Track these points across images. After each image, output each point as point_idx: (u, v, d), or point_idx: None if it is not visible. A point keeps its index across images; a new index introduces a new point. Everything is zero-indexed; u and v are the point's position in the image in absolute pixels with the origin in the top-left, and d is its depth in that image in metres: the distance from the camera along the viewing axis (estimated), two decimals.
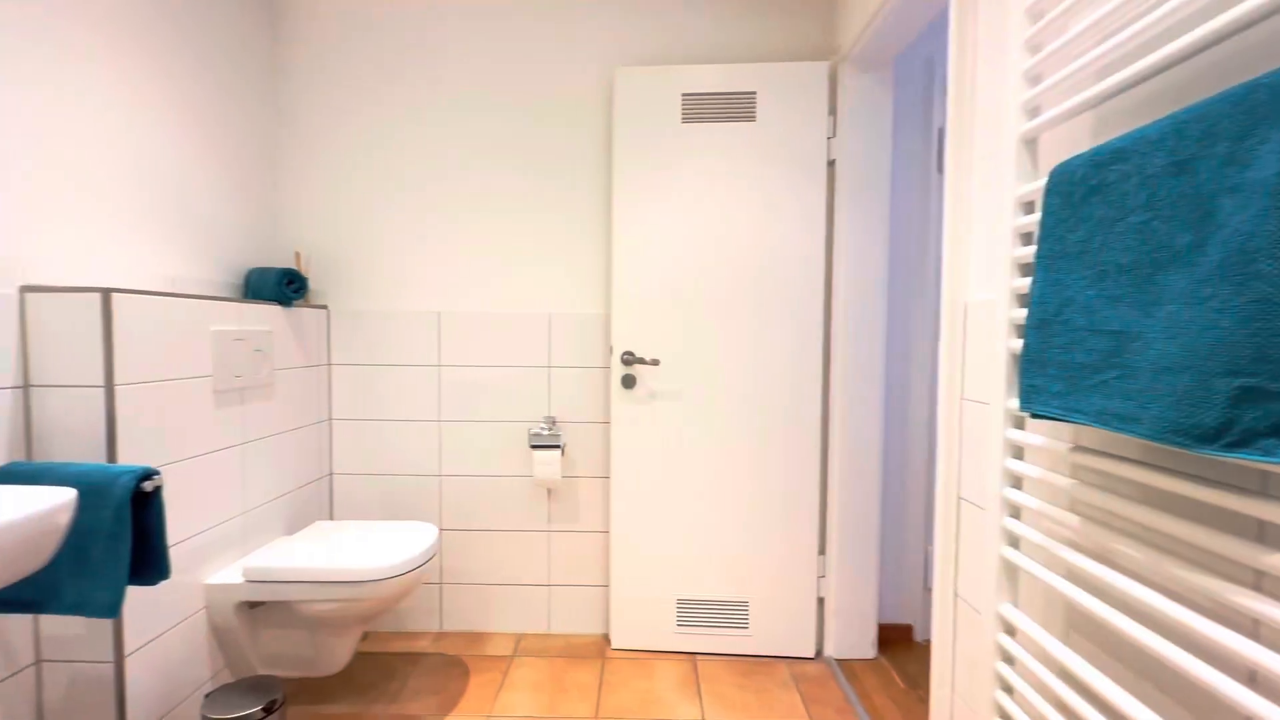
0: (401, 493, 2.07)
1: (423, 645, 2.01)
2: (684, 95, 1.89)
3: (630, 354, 1.93)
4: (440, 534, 2.06)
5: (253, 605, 1.57)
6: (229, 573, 1.54)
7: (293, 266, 2.01)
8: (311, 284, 2.03)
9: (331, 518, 2.07)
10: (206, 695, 1.36)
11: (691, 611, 1.96)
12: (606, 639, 2.05)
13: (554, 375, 2.05)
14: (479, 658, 1.94)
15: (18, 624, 1.20)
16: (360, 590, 1.50)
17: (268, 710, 1.33)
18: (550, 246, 2.04)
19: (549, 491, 2.07)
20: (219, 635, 1.54)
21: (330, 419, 2.06)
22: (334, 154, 2.02)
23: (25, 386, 1.21)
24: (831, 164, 1.90)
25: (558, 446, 1.98)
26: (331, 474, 2.07)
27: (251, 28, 1.90)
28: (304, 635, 1.62)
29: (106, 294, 1.21)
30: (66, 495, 0.88)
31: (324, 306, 2.02)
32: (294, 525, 1.87)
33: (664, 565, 1.96)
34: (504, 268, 2.04)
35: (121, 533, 1.01)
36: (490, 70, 2.00)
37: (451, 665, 1.90)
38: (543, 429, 2.02)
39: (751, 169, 1.89)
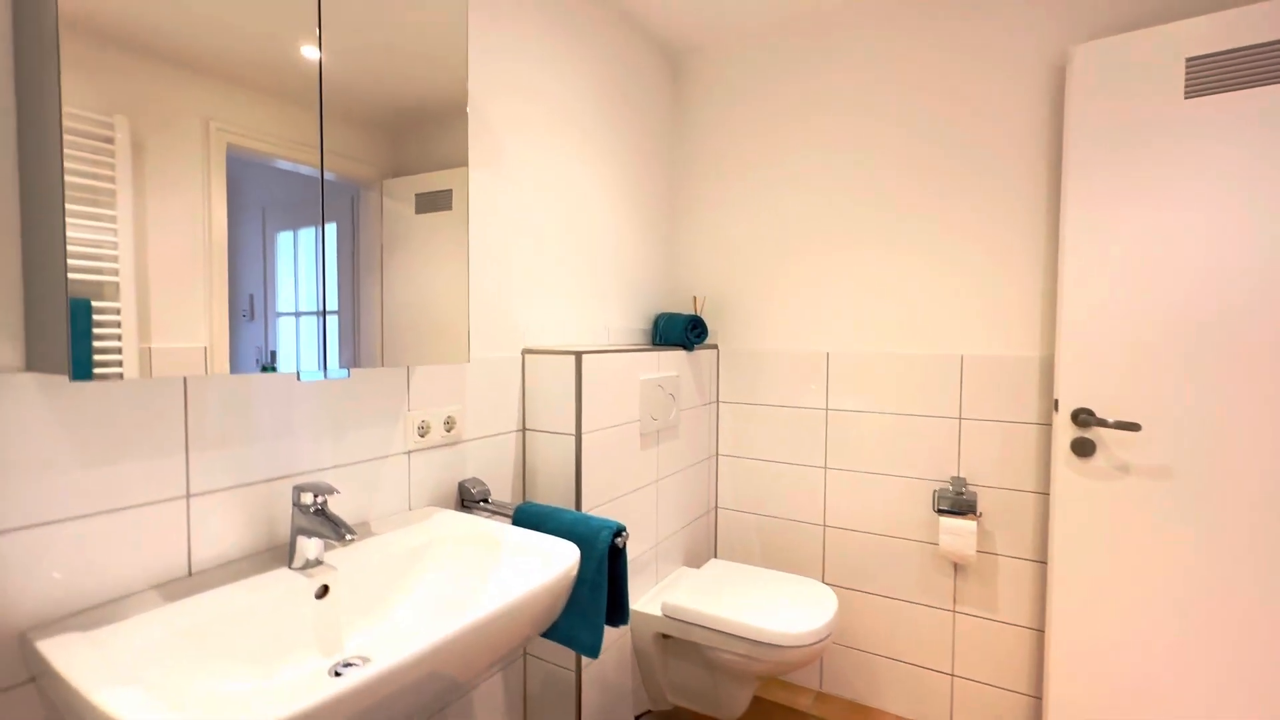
0: (782, 537, 2.01)
1: (804, 703, 1.91)
2: (1189, 60, 1.37)
3: (1087, 412, 1.48)
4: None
5: (665, 636, 1.68)
6: (647, 601, 1.67)
7: (692, 311, 2.14)
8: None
9: (716, 553, 2.14)
10: (637, 718, 1.49)
11: None
12: None
13: (966, 429, 1.72)
14: None
15: None
16: (766, 652, 1.46)
17: None
18: (963, 276, 1.72)
19: (955, 566, 1.75)
20: (639, 657, 1.68)
21: (716, 455, 2.13)
22: (724, 202, 2.08)
23: (523, 430, 1.49)
24: None
25: (972, 515, 1.65)
26: (716, 508, 2.14)
27: (660, 106, 2.08)
28: (706, 675, 1.66)
29: (578, 356, 1.40)
30: (575, 555, 0.99)
31: (714, 346, 2.10)
32: (689, 558, 1.97)
33: (1136, 696, 1.45)
34: (903, 304, 1.80)
35: (601, 582, 1.12)
36: (888, 94, 1.78)
37: None
38: (951, 491, 1.71)
39: None
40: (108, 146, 0.68)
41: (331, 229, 0.93)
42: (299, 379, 0.97)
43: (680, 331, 1.86)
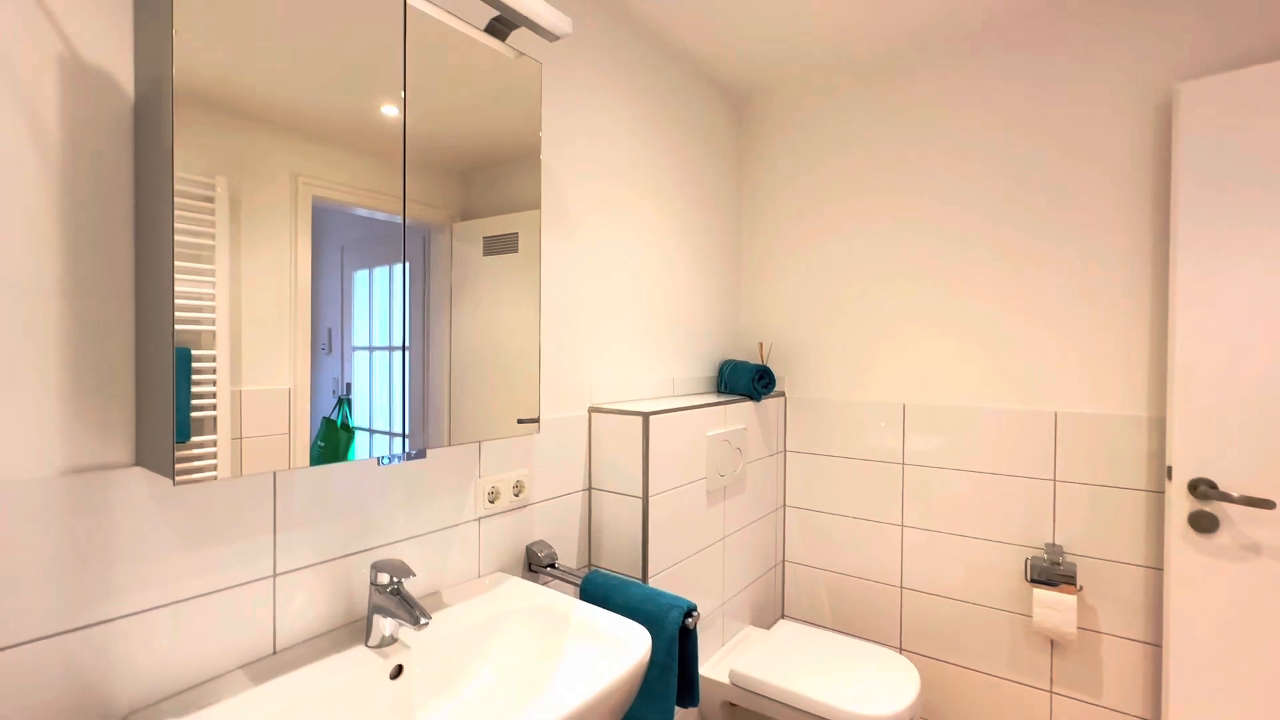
0: (855, 596, 1.91)
1: None
2: None
3: (1208, 484, 1.34)
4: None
5: (732, 704, 1.61)
6: (714, 665, 1.62)
7: (758, 358, 2.09)
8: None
9: (783, 610, 2.05)
10: None
11: None
12: None
13: (1061, 492, 1.59)
14: None
15: None
16: None
17: None
18: (1056, 327, 1.60)
19: (1052, 642, 1.61)
20: None
21: (784, 506, 2.05)
22: (790, 250, 2.03)
23: (589, 489, 1.48)
24: None
25: (1070, 587, 1.51)
26: (783, 562, 2.06)
27: (723, 148, 2.06)
28: None
29: (646, 417, 1.38)
30: (646, 642, 0.95)
31: (781, 394, 2.04)
32: (756, 615, 1.90)
33: None
34: (989, 355, 1.69)
35: (671, 664, 1.09)
36: (974, 133, 1.70)
37: None
38: (1046, 560, 1.57)
39: None
40: (208, 205, 0.72)
41: (407, 272, 0.95)
42: (379, 464, 0.99)
43: (747, 382, 1.82)
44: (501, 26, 1.05)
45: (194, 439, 0.70)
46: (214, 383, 0.72)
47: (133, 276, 0.77)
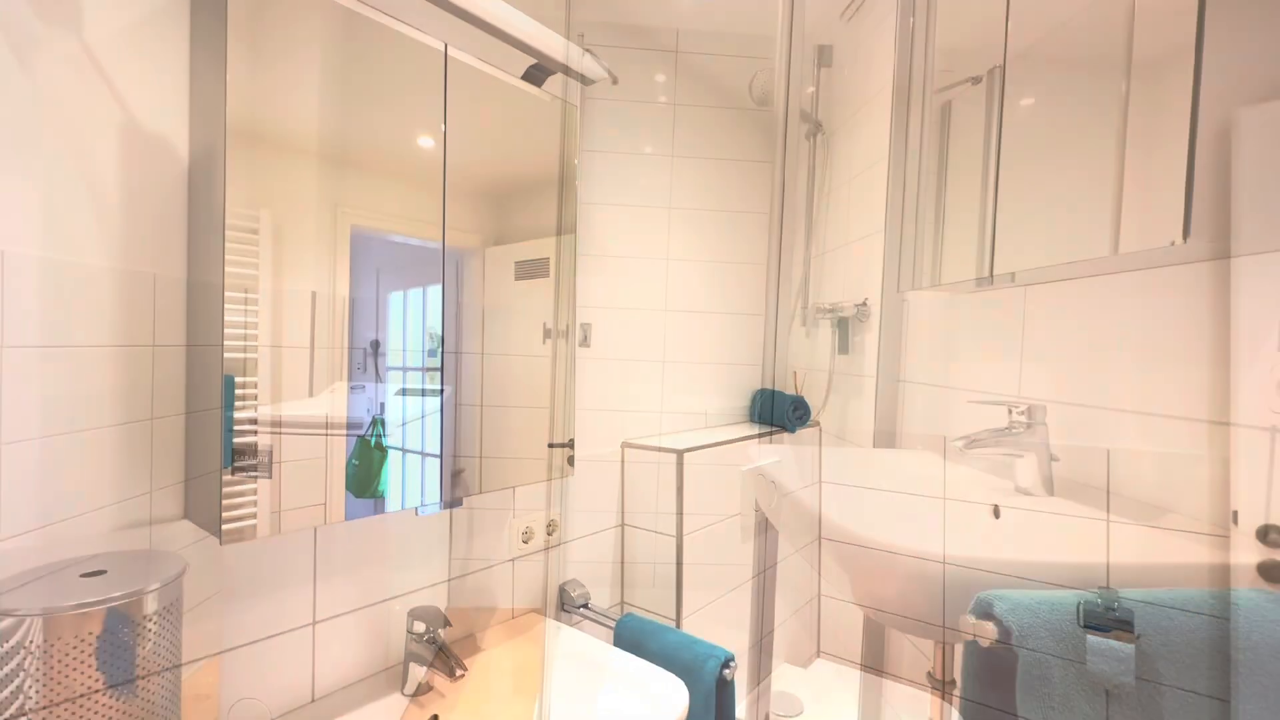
0: (895, 634, 1.84)
1: None
2: None
3: (1279, 530, 1.25)
4: None
5: None
6: (749, 707, 1.57)
7: (792, 386, 2.06)
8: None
9: (819, 648, 2.00)
10: None
11: None
12: None
13: (1115, 531, 1.51)
14: None
15: None
16: None
17: None
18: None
19: (1107, 691, 1.52)
20: None
21: (819, 540, 2.00)
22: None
23: (622, 526, 1.46)
24: None
25: (1127, 635, 1.43)
26: (819, 596, 2.00)
27: (756, 182, 2.05)
28: None
29: (680, 455, 1.37)
30: (684, 699, 0.93)
31: (816, 423, 2.00)
32: (791, 653, 1.85)
33: None
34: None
35: (708, 716, 1.06)
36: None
37: None
38: (1100, 605, 1.50)
39: None
40: (253, 236, 0.73)
41: (450, 300, 0.96)
42: (416, 514, 1.00)
43: (782, 414, 1.79)
44: (538, 73, 1.07)
45: (236, 463, 0.71)
46: (255, 408, 0.74)
47: (184, 321, 0.79)
